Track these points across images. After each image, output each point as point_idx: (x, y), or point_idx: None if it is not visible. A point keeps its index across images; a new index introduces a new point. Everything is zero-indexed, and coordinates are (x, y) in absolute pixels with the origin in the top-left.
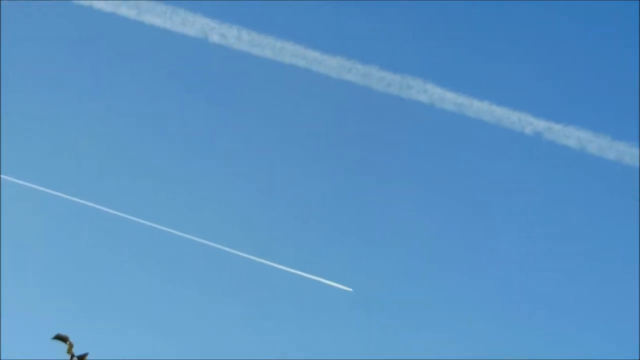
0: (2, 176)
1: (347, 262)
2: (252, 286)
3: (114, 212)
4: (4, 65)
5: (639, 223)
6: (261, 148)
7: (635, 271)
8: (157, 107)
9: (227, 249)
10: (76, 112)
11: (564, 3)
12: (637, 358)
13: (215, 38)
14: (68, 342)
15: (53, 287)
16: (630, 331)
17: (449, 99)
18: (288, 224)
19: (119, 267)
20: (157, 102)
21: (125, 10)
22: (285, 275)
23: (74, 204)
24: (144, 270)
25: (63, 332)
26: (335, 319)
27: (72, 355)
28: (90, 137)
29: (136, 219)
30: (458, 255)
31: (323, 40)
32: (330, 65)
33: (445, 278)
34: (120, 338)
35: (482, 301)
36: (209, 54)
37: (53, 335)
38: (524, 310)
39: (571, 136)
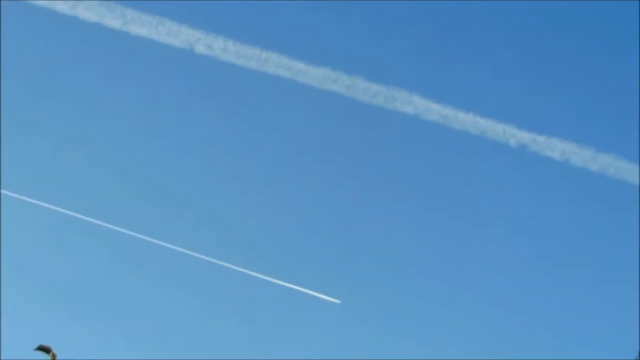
0: (1, 191)
1: (335, 274)
2: (240, 298)
3: (111, 226)
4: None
5: (634, 234)
6: (245, 159)
7: (618, 276)
8: (146, 118)
9: (216, 261)
10: (61, 121)
11: (549, 17)
12: (637, 358)
13: (201, 49)
14: (51, 353)
15: (50, 298)
16: (625, 334)
17: (434, 110)
18: (276, 236)
19: (122, 283)
20: (144, 113)
21: (111, 21)
22: (273, 287)
23: (71, 217)
24: (137, 281)
25: (46, 344)
26: (323, 331)
27: None
28: (80, 147)
29: (126, 231)
30: (445, 265)
31: (308, 51)
32: (315, 76)
33: (433, 287)
34: (116, 349)
35: (470, 309)
36: (194, 64)
37: (36, 346)
38: (510, 316)
39: (555, 148)
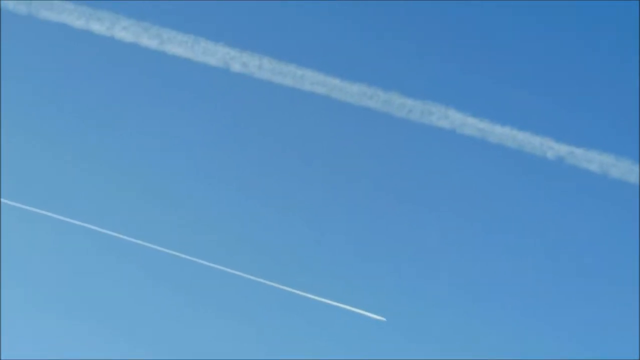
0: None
1: (380, 291)
2: (283, 315)
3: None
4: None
5: None
6: (286, 177)
7: None
8: (178, 136)
9: (259, 280)
10: (90, 139)
11: (585, 30)
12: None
13: (236, 67)
14: None
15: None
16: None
17: (470, 124)
18: (318, 253)
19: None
20: (179, 131)
21: (147, 41)
22: (317, 304)
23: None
24: (170, 298)
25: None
26: (367, 349)
27: None
28: (104, 161)
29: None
30: (491, 283)
31: (344, 68)
32: (351, 92)
33: (479, 306)
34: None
35: (518, 330)
36: (230, 83)
37: None
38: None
39: (593, 160)
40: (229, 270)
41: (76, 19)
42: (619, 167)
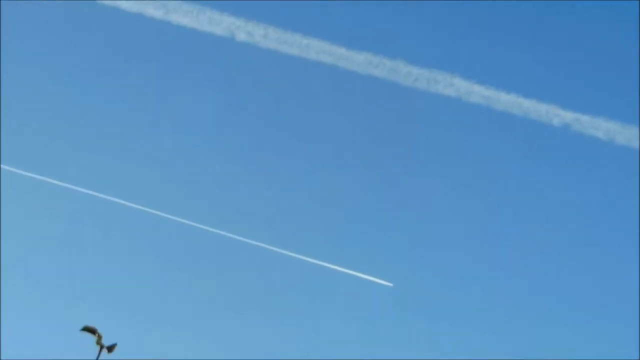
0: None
1: (388, 258)
2: (291, 282)
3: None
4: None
5: None
6: (291, 145)
7: None
8: (181, 104)
9: (267, 246)
10: (99, 111)
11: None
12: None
13: (242, 36)
14: (97, 334)
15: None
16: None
17: (476, 92)
18: (327, 221)
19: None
20: (182, 100)
21: (152, 11)
22: (325, 270)
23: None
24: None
25: (90, 324)
26: (375, 314)
27: (102, 346)
28: (108, 132)
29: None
30: (496, 249)
31: (349, 37)
32: (357, 61)
33: (483, 271)
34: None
35: (525, 301)
36: (235, 52)
37: (81, 327)
38: (565, 312)
39: (599, 127)
40: (242, 239)
41: None
42: (625, 134)
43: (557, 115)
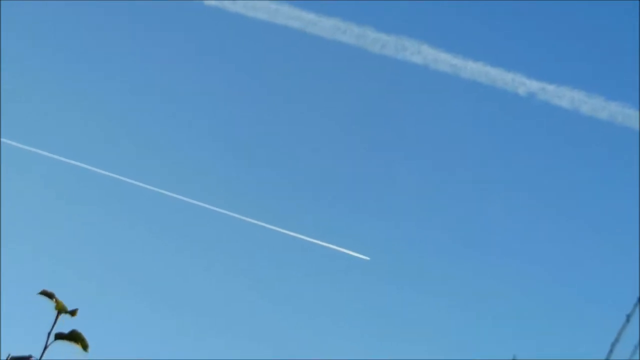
0: (1, 139)
1: (364, 231)
2: (265, 254)
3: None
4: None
5: (638, 184)
6: (255, 111)
7: (631, 229)
8: (150, 69)
9: (241, 217)
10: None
11: None
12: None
13: (210, 1)
14: (54, 299)
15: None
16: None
17: (443, 59)
18: (299, 192)
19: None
20: (149, 64)
21: None
22: (301, 243)
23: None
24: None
25: (49, 289)
26: (351, 288)
27: (60, 311)
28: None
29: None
30: (455, 220)
31: (318, 2)
32: (325, 26)
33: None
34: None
35: (500, 272)
36: (203, 15)
37: (39, 291)
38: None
39: (564, 97)
40: (217, 209)
41: None
42: (589, 104)
43: (523, 84)
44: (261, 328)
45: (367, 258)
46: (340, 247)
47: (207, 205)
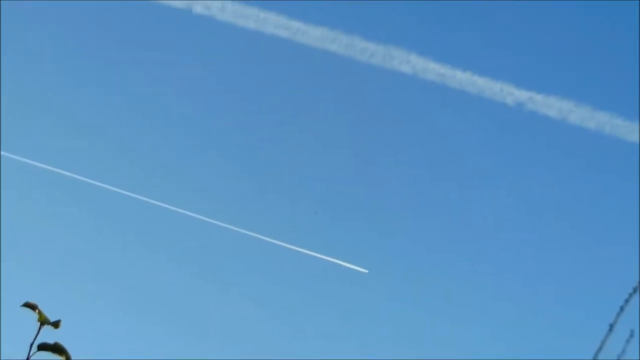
0: (2, 153)
1: (363, 244)
2: (265, 268)
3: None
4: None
5: (636, 194)
6: (244, 122)
7: (617, 238)
8: (140, 79)
9: (239, 229)
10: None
11: None
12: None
13: (198, 9)
14: (37, 310)
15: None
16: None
17: (431, 69)
18: (296, 204)
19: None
20: (140, 75)
21: None
22: (300, 256)
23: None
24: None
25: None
26: (350, 300)
27: (42, 323)
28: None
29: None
30: (448, 231)
31: (306, 11)
32: (313, 35)
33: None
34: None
35: (499, 283)
36: (192, 25)
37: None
38: (536, 290)
39: (553, 106)
40: (213, 221)
41: None
42: (578, 113)
43: (511, 94)
44: (259, 341)
45: (366, 271)
46: (339, 259)
47: (204, 218)
